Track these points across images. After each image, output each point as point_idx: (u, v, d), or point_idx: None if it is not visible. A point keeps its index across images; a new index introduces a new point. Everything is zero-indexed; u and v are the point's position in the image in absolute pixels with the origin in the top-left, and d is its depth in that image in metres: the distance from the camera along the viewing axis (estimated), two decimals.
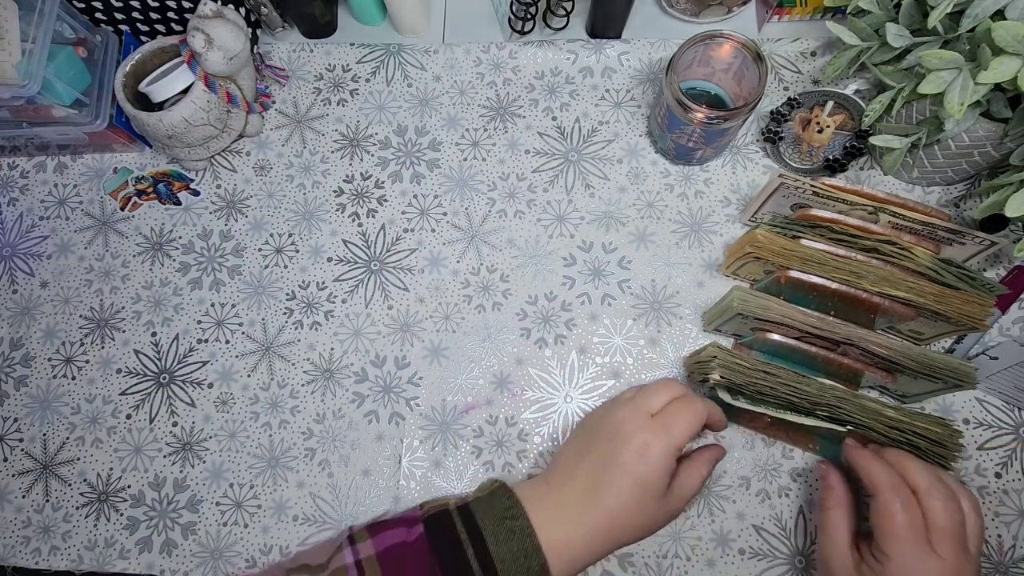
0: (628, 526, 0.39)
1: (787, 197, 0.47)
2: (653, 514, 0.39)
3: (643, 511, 0.39)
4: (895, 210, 0.45)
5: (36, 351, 0.60)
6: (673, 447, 0.39)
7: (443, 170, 0.61)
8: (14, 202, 0.64)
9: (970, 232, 0.44)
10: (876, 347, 0.44)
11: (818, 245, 0.46)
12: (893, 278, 0.45)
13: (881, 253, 0.45)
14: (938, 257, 0.45)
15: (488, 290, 0.58)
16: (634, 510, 0.39)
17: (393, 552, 0.39)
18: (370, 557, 0.38)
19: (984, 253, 0.46)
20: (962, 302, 0.44)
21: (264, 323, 0.58)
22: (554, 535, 0.38)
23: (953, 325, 0.46)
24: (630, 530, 0.40)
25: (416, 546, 0.38)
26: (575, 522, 0.39)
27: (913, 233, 0.46)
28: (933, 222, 0.45)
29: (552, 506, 0.39)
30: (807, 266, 0.45)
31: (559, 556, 0.37)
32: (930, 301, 0.44)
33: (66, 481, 0.56)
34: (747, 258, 0.48)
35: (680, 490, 0.40)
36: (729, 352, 0.44)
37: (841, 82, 0.58)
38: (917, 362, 0.43)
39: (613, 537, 0.39)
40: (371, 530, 0.40)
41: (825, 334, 0.44)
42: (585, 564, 0.39)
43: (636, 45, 0.62)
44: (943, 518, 0.37)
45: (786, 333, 0.47)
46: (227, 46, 0.54)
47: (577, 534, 0.38)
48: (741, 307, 0.44)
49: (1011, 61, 0.41)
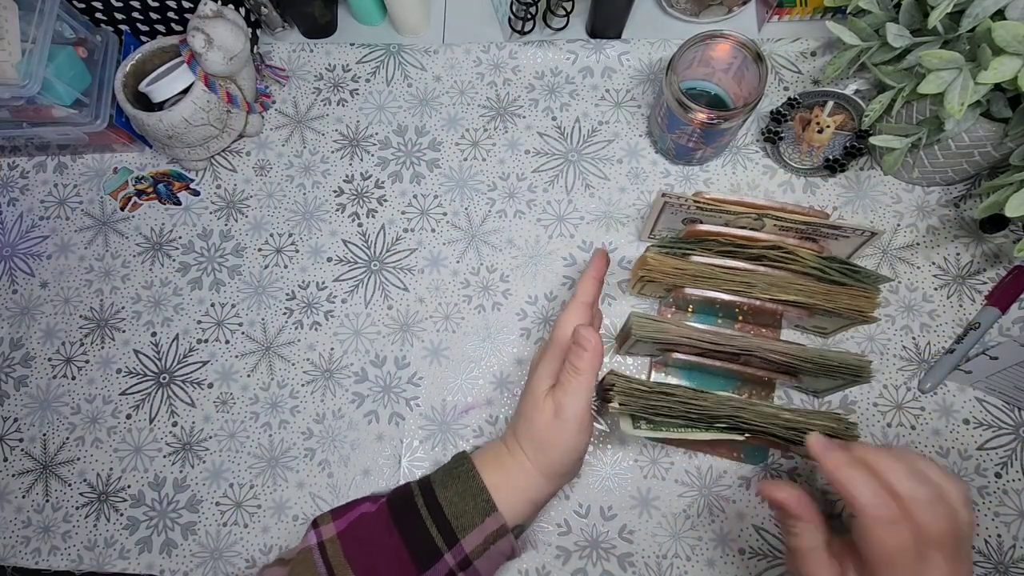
0: (553, 459, 0.41)
1: (676, 213, 0.48)
2: (561, 442, 0.41)
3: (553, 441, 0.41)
4: (777, 214, 0.46)
5: (36, 351, 0.60)
6: (532, 377, 0.43)
7: (443, 170, 0.61)
8: (14, 202, 0.64)
9: (848, 226, 0.45)
10: (771, 354, 0.45)
11: (707, 260, 0.47)
12: (781, 283, 0.46)
13: (769, 259, 0.47)
14: (822, 256, 0.46)
15: (488, 290, 0.58)
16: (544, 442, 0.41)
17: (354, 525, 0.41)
18: (332, 537, 0.41)
19: (867, 244, 0.47)
20: (849, 297, 0.46)
21: (264, 323, 0.58)
22: (495, 478, 0.41)
23: (845, 320, 0.47)
24: (556, 461, 0.41)
25: (377, 515, 0.42)
26: (512, 465, 0.42)
27: (799, 234, 0.47)
28: (813, 221, 0.46)
29: (492, 456, 0.43)
30: (699, 282, 0.47)
31: (502, 493, 0.41)
32: (819, 300, 0.46)
33: (66, 481, 0.56)
34: (644, 280, 0.49)
35: (568, 411, 0.40)
36: (627, 379, 0.45)
37: (841, 82, 0.58)
38: (813, 363, 0.45)
39: (550, 468, 0.41)
40: (334, 513, 0.43)
41: (723, 348, 0.45)
42: (540, 497, 0.42)
43: (636, 45, 0.62)
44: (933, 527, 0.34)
45: (688, 351, 0.48)
46: (227, 46, 0.54)
47: (515, 474, 0.42)
48: (639, 334, 0.45)
49: (1011, 61, 0.41)
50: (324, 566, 0.40)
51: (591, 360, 0.39)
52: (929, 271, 0.55)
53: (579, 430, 0.40)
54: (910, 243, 0.56)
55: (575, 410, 0.40)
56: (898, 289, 0.55)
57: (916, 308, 0.54)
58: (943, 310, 0.54)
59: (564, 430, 0.40)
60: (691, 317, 0.54)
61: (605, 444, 0.53)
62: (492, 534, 0.40)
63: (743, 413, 0.43)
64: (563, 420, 0.40)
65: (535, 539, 0.51)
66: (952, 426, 0.51)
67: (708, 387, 0.50)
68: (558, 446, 0.40)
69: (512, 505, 0.41)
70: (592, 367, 0.39)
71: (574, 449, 0.41)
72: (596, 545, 0.51)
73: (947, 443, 0.51)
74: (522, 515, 0.42)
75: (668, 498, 0.52)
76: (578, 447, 0.41)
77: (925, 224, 0.56)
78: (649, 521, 0.51)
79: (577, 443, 0.41)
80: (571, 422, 0.40)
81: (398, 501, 0.42)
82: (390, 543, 0.40)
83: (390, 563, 0.40)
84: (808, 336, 0.54)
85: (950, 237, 0.55)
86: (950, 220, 0.56)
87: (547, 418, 0.40)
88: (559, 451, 0.41)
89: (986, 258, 0.55)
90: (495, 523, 0.40)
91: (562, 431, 0.40)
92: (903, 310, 0.54)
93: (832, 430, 0.43)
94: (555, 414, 0.40)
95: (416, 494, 0.42)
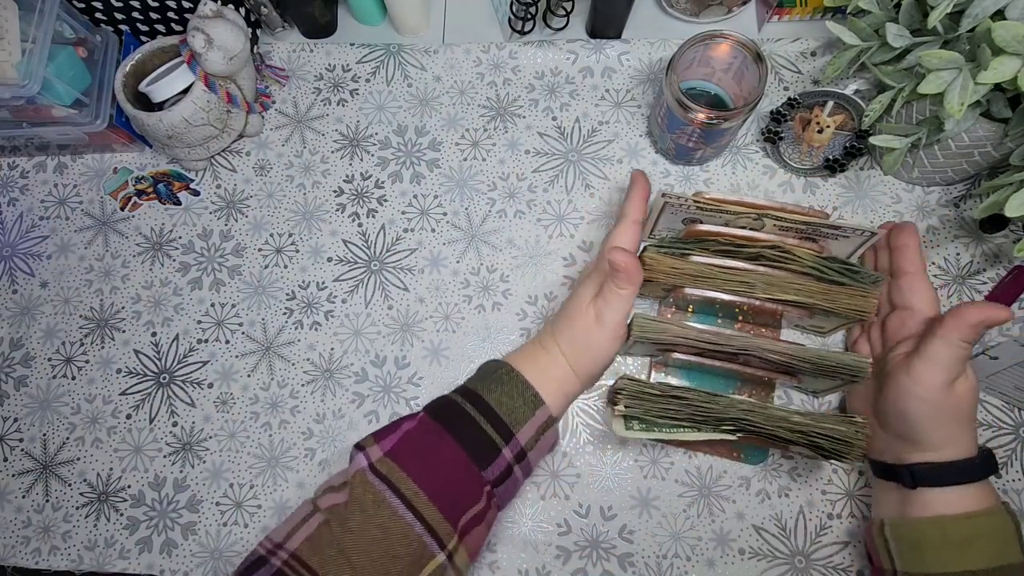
0: (586, 360, 0.45)
1: (676, 214, 0.48)
2: (598, 345, 0.45)
3: (590, 342, 0.45)
4: (776, 214, 0.46)
5: (36, 351, 0.60)
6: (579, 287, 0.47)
7: (443, 170, 0.61)
8: (14, 202, 0.64)
9: (849, 226, 0.45)
10: (770, 354, 0.45)
11: (705, 259, 0.47)
12: (780, 282, 0.46)
13: (767, 259, 0.47)
14: (820, 255, 0.46)
15: (488, 290, 0.58)
16: (581, 343, 0.45)
17: (402, 442, 0.42)
18: (380, 457, 0.41)
19: (867, 244, 0.47)
20: (848, 296, 0.46)
21: (264, 323, 0.58)
22: (533, 374, 0.44)
23: (844, 319, 0.47)
24: (589, 361, 0.45)
25: (422, 426, 0.43)
26: (547, 362, 0.46)
27: (799, 234, 0.47)
28: (814, 221, 0.46)
29: (528, 356, 0.46)
30: (698, 282, 0.47)
31: (543, 387, 0.44)
32: (818, 300, 0.46)
33: (66, 481, 0.56)
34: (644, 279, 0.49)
35: (607, 318, 0.44)
36: (639, 383, 0.46)
37: (841, 82, 0.58)
38: (811, 362, 0.45)
39: (582, 368, 0.45)
40: (376, 435, 0.43)
41: (722, 348, 0.45)
42: (572, 391, 0.46)
43: (636, 45, 0.62)
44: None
45: (688, 351, 0.48)
46: (227, 46, 0.54)
47: (551, 370, 0.45)
48: (638, 334, 0.45)
49: (1011, 61, 0.41)
50: (383, 482, 0.40)
51: (628, 279, 0.43)
52: (929, 271, 0.55)
53: (614, 337, 0.44)
54: None
55: (613, 318, 0.44)
56: None
57: None
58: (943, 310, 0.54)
59: (601, 335, 0.44)
60: (691, 317, 0.54)
61: (605, 444, 0.53)
62: (542, 425, 0.43)
63: (751, 416, 0.43)
64: (602, 325, 0.44)
65: (535, 539, 0.52)
66: None
67: (707, 387, 0.50)
68: (593, 347, 0.45)
69: (552, 398, 0.44)
70: (631, 284, 0.43)
71: (606, 353, 0.45)
72: (596, 545, 0.51)
73: None
74: (559, 407, 0.45)
75: (668, 498, 0.52)
76: (610, 352, 0.45)
77: (925, 224, 0.56)
78: (649, 521, 0.51)
79: (610, 348, 0.45)
80: (608, 328, 0.44)
81: (442, 410, 0.44)
82: (446, 448, 0.41)
83: (451, 468, 0.41)
84: (807, 336, 0.54)
85: (950, 237, 0.55)
86: (950, 220, 0.56)
87: (588, 322, 0.45)
88: (593, 351, 0.45)
89: (986, 258, 0.55)
90: (544, 414, 0.43)
91: (600, 335, 0.44)
92: None
93: (842, 433, 0.43)
94: (596, 319, 0.44)
95: (461, 402, 0.43)
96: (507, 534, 0.52)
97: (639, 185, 0.48)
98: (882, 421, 0.46)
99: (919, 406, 0.42)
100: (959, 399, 0.42)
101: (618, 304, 0.44)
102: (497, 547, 0.52)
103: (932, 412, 0.42)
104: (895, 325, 0.47)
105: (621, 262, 0.42)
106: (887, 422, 0.45)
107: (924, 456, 0.43)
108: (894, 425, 0.44)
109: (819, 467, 0.52)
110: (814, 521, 0.51)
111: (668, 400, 0.44)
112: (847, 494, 0.51)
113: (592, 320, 0.44)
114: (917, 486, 0.43)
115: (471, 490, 0.41)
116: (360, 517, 0.39)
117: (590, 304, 0.45)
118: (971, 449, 0.43)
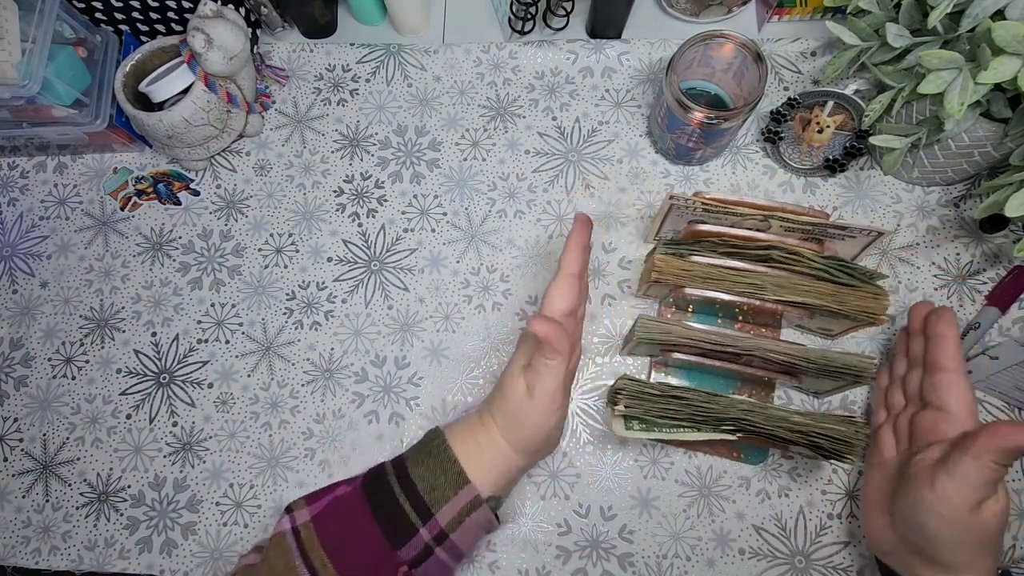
0: (523, 436, 0.42)
1: (682, 216, 0.48)
2: (532, 420, 0.42)
3: (523, 418, 0.42)
4: (783, 215, 0.46)
5: (36, 351, 0.60)
6: (513, 356, 0.44)
7: (443, 170, 0.61)
8: (14, 202, 0.64)
9: (854, 227, 0.45)
10: (774, 354, 0.45)
11: (712, 260, 0.47)
12: (788, 284, 0.46)
13: (773, 260, 0.46)
14: (825, 256, 0.46)
15: (488, 290, 0.58)
16: (514, 419, 0.42)
17: (328, 508, 0.42)
18: (305, 522, 0.41)
19: (873, 244, 0.47)
20: (857, 298, 0.45)
21: (264, 323, 0.58)
22: (467, 449, 0.42)
23: (853, 321, 0.47)
24: (526, 437, 0.43)
25: (351, 496, 0.42)
26: (484, 437, 0.43)
27: (805, 235, 0.47)
28: (820, 222, 0.45)
29: (465, 429, 0.44)
30: (708, 284, 0.47)
31: (474, 465, 0.41)
32: (828, 302, 0.45)
33: (66, 481, 0.56)
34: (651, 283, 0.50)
35: (538, 390, 0.41)
36: (639, 383, 0.45)
37: (841, 82, 0.58)
38: (815, 363, 0.44)
39: (519, 443, 0.43)
40: (308, 499, 0.43)
41: (725, 349, 0.45)
42: (513, 467, 0.43)
43: (636, 45, 0.62)
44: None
45: (689, 351, 0.48)
46: (227, 46, 0.54)
47: (487, 446, 0.43)
48: (642, 335, 0.45)
49: (1011, 61, 0.41)
50: (298, 549, 0.40)
51: (554, 349, 0.39)
52: (929, 271, 0.55)
53: (549, 409, 0.41)
54: (910, 243, 0.56)
55: (545, 390, 0.41)
56: (898, 289, 0.55)
57: None
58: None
59: (535, 408, 0.41)
60: (691, 317, 0.54)
61: (605, 444, 0.53)
62: (466, 506, 0.40)
63: (751, 416, 0.43)
64: (534, 399, 0.41)
65: (535, 539, 0.52)
66: None
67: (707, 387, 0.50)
68: (528, 422, 0.42)
69: (485, 477, 0.42)
70: (560, 353, 0.39)
71: (544, 426, 0.42)
72: (596, 545, 0.51)
73: None
74: (496, 486, 0.42)
75: (668, 498, 0.52)
76: (547, 424, 0.42)
77: (925, 224, 0.56)
78: (649, 521, 0.51)
79: (546, 421, 0.42)
80: (541, 402, 0.41)
81: (371, 481, 0.43)
82: (363, 523, 0.41)
83: (364, 542, 0.40)
84: (809, 337, 0.54)
85: (950, 237, 0.55)
86: (950, 220, 0.56)
87: (519, 395, 0.41)
88: (529, 427, 0.42)
89: (986, 258, 0.55)
90: (468, 495, 0.41)
91: (533, 409, 0.41)
92: (903, 310, 0.54)
93: (842, 433, 0.43)
94: (527, 392, 0.41)
95: (389, 472, 0.42)
96: (507, 534, 0.52)
97: (577, 232, 0.43)
98: (896, 524, 0.42)
99: (940, 525, 0.38)
100: (985, 523, 0.38)
101: (548, 375, 0.40)
102: (497, 547, 0.52)
103: (954, 533, 0.38)
104: (926, 425, 0.43)
105: (541, 332, 0.38)
106: (902, 529, 0.42)
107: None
108: (910, 536, 0.41)
109: (819, 467, 0.52)
110: (814, 521, 0.51)
111: (668, 400, 0.44)
112: (847, 494, 0.51)
113: (523, 393, 0.41)
114: None
115: (383, 569, 0.39)
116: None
117: (520, 376, 0.42)
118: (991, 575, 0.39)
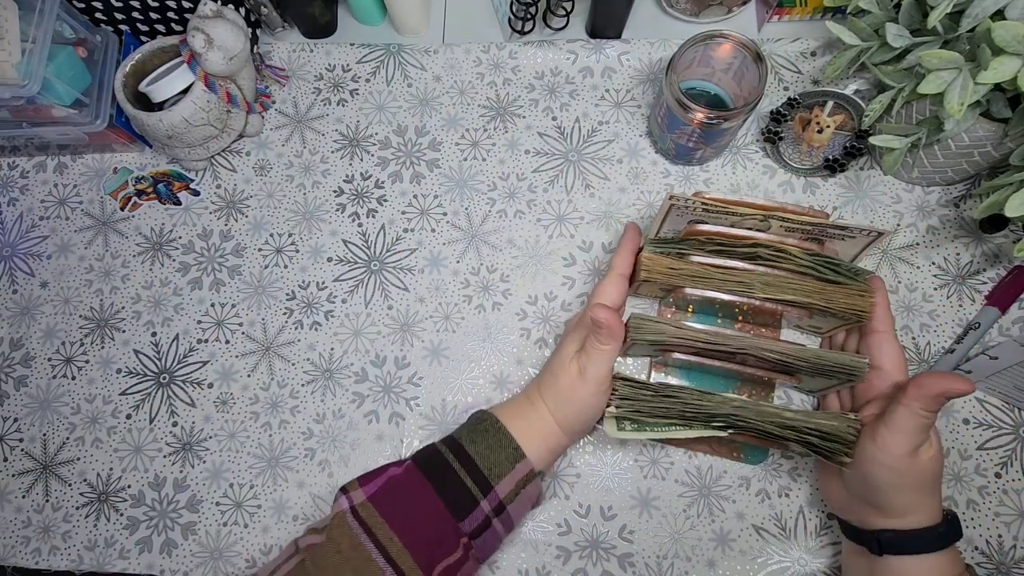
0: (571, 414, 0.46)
1: (682, 216, 0.48)
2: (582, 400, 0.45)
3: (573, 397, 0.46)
4: (783, 215, 0.46)
5: (36, 351, 0.60)
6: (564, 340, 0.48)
7: (443, 170, 0.61)
8: (14, 202, 0.64)
9: (855, 227, 0.45)
10: (767, 353, 0.45)
11: (701, 259, 0.47)
12: (777, 282, 0.46)
13: (762, 258, 0.47)
14: (812, 253, 0.46)
15: (488, 290, 0.58)
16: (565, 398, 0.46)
17: (385, 488, 0.43)
18: (363, 501, 0.43)
19: (873, 244, 0.47)
20: (845, 296, 0.46)
21: (264, 323, 0.58)
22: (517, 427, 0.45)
23: (841, 319, 0.47)
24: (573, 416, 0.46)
25: (406, 474, 0.44)
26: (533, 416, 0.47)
27: (805, 235, 0.47)
28: (820, 223, 0.45)
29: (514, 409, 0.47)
30: (696, 282, 0.47)
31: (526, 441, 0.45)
32: (816, 300, 0.46)
33: (66, 481, 0.56)
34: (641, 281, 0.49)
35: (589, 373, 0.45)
36: (632, 384, 0.45)
37: (841, 82, 0.58)
38: (809, 362, 0.45)
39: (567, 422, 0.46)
40: (361, 480, 0.44)
41: (719, 348, 0.45)
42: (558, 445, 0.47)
43: (636, 45, 0.62)
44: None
45: (687, 351, 0.48)
46: (227, 46, 0.54)
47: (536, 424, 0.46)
48: (635, 336, 0.45)
49: (1011, 61, 0.41)
50: (360, 526, 0.41)
51: (610, 336, 0.43)
52: (929, 271, 0.55)
53: (598, 391, 0.45)
54: (910, 243, 0.56)
55: (596, 373, 0.44)
56: (898, 289, 0.55)
57: (916, 308, 0.54)
58: (943, 310, 0.54)
59: (585, 389, 0.45)
60: (691, 317, 0.54)
61: (605, 444, 0.53)
62: (523, 479, 0.44)
63: (742, 412, 0.43)
64: (585, 380, 0.45)
65: (535, 539, 0.52)
66: (952, 426, 0.51)
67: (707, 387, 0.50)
68: (578, 402, 0.45)
69: (535, 452, 0.45)
70: (612, 340, 0.44)
71: (591, 407, 0.46)
72: (596, 545, 0.51)
73: (947, 443, 0.51)
74: (543, 462, 0.46)
75: (668, 498, 0.52)
76: (595, 405, 0.45)
77: (925, 224, 0.56)
78: (649, 521, 0.51)
79: (594, 402, 0.45)
80: (591, 383, 0.45)
81: (426, 460, 0.45)
82: (425, 497, 0.43)
83: (427, 515, 0.42)
84: (807, 336, 0.54)
85: (950, 237, 0.55)
86: (950, 220, 0.56)
87: (572, 376, 0.45)
88: (577, 405, 0.45)
89: (986, 258, 0.55)
90: (525, 468, 0.44)
91: (583, 390, 0.45)
92: (903, 310, 0.54)
93: (834, 428, 0.43)
94: (579, 374, 0.45)
95: (444, 452, 0.45)
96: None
97: (629, 237, 0.48)
98: (848, 481, 0.45)
99: (883, 473, 0.41)
100: (923, 467, 0.41)
101: (600, 359, 0.44)
102: None
103: (896, 479, 0.41)
104: (863, 385, 0.46)
105: (603, 319, 0.43)
106: (852, 485, 0.44)
107: (888, 523, 0.42)
108: (859, 488, 0.44)
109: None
110: (814, 521, 0.51)
111: (660, 399, 0.44)
112: None
113: (575, 375, 0.45)
114: (884, 554, 0.42)
115: (447, 540, 0.42)
116: (336, 559, 0.40)
117: (573, 359, 0.46)
118: (936, 516, 0.42)
